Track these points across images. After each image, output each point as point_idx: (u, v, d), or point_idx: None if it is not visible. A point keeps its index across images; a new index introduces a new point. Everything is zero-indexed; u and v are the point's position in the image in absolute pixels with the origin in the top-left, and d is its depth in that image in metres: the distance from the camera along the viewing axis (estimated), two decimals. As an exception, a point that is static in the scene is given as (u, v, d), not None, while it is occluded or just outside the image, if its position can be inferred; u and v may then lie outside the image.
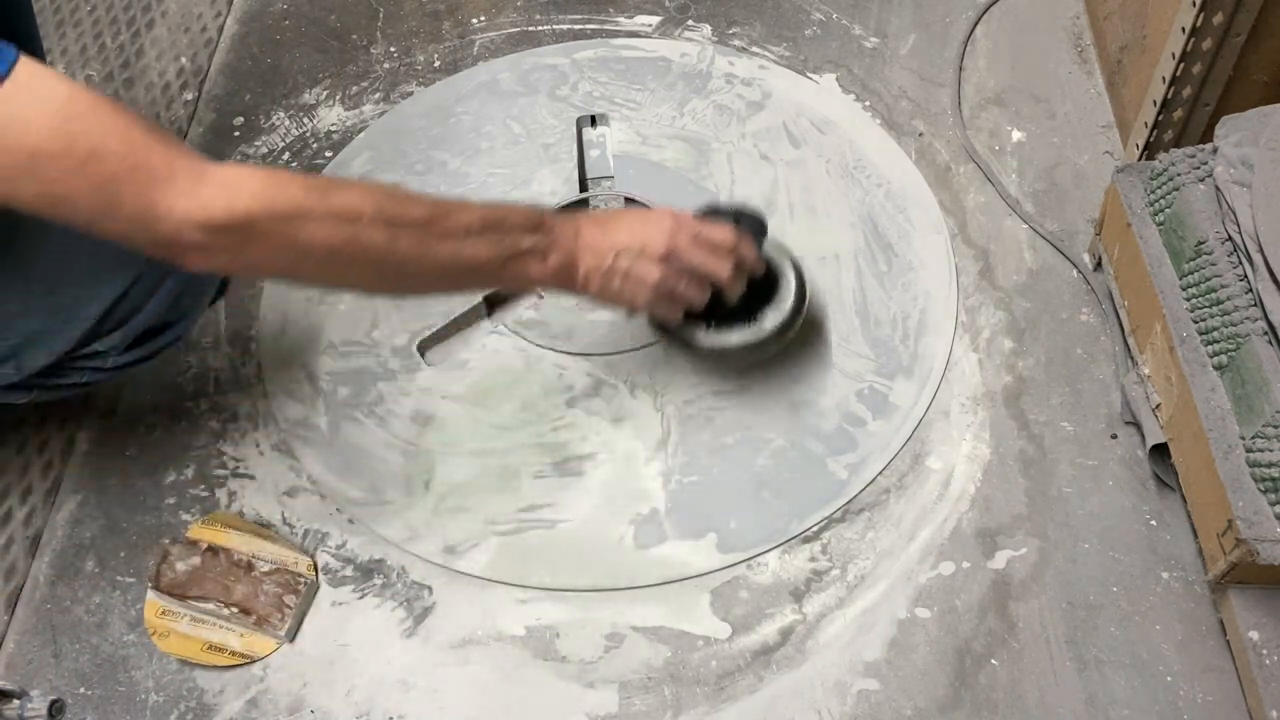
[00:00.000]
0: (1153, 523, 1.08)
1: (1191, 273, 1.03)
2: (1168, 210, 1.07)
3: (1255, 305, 0.95)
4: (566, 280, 0.97)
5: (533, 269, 0.94)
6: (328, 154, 1.42)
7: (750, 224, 1.06)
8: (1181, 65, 1.10)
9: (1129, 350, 1.14)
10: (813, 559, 1.08)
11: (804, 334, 1.17)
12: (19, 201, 0.78)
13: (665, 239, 0.98)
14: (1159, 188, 1.08)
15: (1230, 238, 0.99)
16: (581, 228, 0.98)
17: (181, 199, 0.78)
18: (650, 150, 1.38)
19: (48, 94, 0.76)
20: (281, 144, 1.44)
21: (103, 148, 0.77)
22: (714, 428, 1.16)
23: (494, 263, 0.91)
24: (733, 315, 1.09)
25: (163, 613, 1.06)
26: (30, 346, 0.97)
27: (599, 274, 0.97)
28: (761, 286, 1.09)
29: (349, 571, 1.09)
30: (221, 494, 1.15)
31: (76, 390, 1.07)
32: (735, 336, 1.09)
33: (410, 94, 1.48)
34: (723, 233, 1.01)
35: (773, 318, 1.10)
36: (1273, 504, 0.91)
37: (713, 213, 1.06)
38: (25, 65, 0.75)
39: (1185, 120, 1.16)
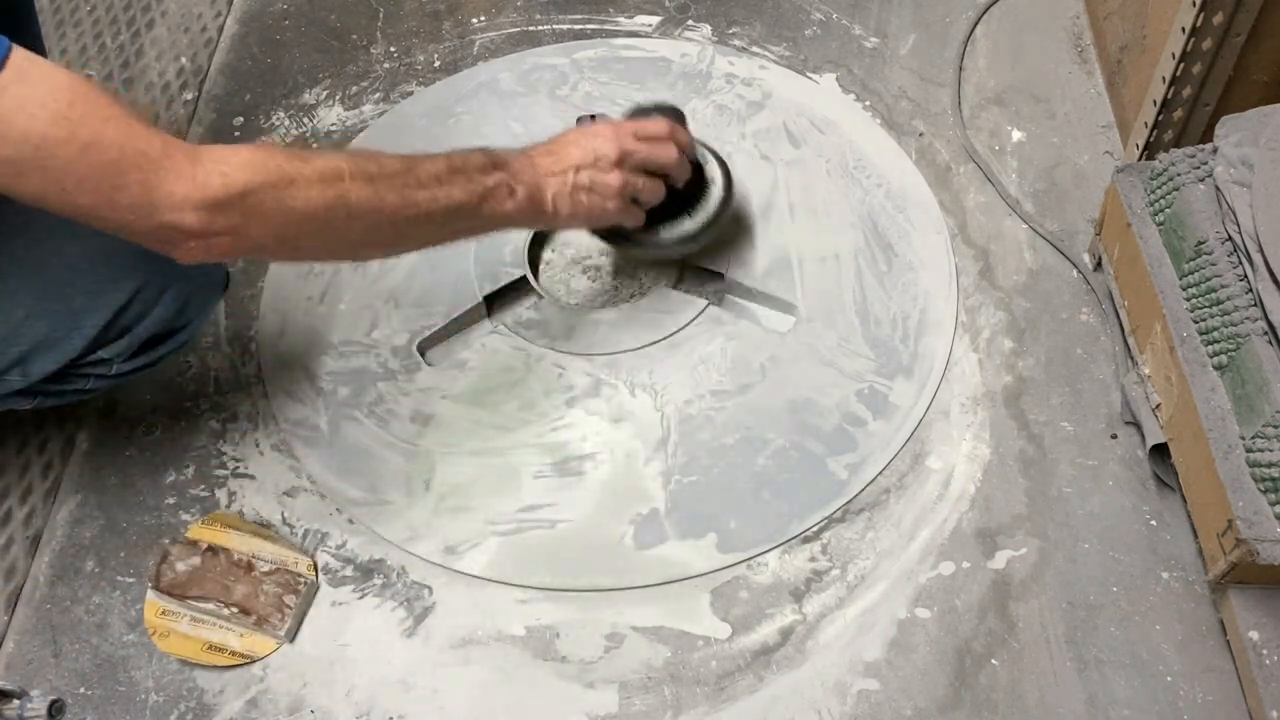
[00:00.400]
0: (1153, 523, 1.08)
1: (1191, 273, 1.03)
2: (1168, 210, 1.07)
3: (1255, 305, 0.95)
4: (537, 208, 1.01)
5: (505, 204, 0.97)
6: (328, 154, 1.42)
7: (672, 113, 1.14)
8: (1181, 65, 1.10)
9: (1129, 350, 1.14)
10: (813, 559, 1.08)
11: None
12: (22, 192, 0.78)
13: (614, 145, 1.03)
14: (1159, 188, 1.08)
15: (1230, 238, 0.99)
16: (535, 158, 1.02)
17: (180, 182, 0.79)
18: (650, 150, 1.38)
19: (47, 81, 0.76)
20: (281, 144, 1.44)
21: (102, 134, 0.77)
22: (714, 428, 1.16)
23: (470, 203, 0.95)
24: (674, 211, 1.15)
25: (163, 613, 1.06)
26: (36, 353, 0.97)
27: (566, 194, 1.01)
28: (691, 178, 1.15)
29: (349, 571, 1.09)
30: (221, 494, 1.15)
31: (80, 396, 1.07)
32: (689, 225, 1.16)
33: (410, 94, 1.48)
34: (657, 125, 1.08)
35: (714, 198, 1.18)
36: (1273, 504, 0.91)
37: (638, 112, 1.14)
38: (19, 54, 0.75)
39: (1185, 120, 1.16)
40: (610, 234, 1.17)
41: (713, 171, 1.19)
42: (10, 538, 1.13)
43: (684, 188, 1.14)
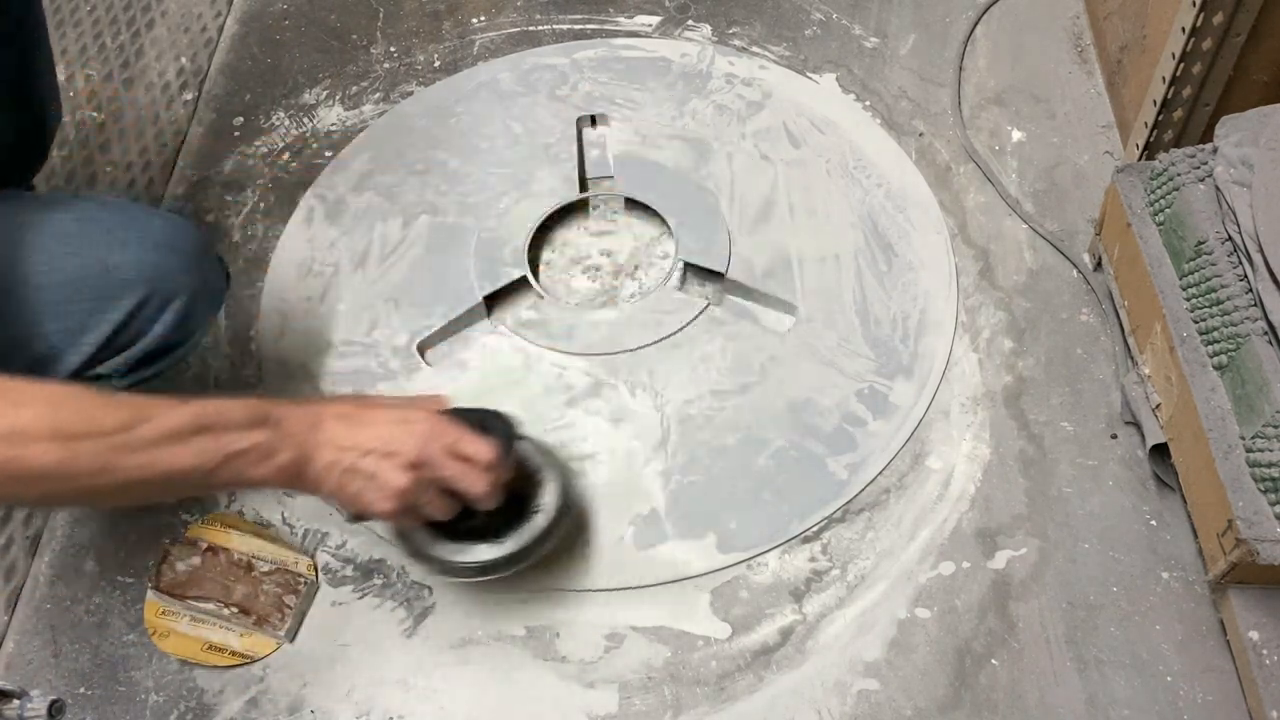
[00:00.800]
0: (1153, 523, 1.08)
1: (1191, 273, 1.03)
2: (1168, 210, 1.07)
3: (1255, 305, 0.95)
4: (296, 478, 0.87)
5: (255, 470, 0.84)
6: (327, 154, 1.42)
7: (500, 430, 0.94)
8: (1181, 65, 1.10)
9: (1129, 350, 1.14)
10: (813, 559, 1.08)
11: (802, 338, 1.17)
12: None
13: (418, 445, 0.88)
14: (1159, 188, 1.08)
15: (1230, 238, 0.99)
16: (323, 421, 0.88)
17: None
18: (650, 150, 1.38)
19: None
20: (281, 144, 1.44)
21: None
22: (714, 428, 1.16)
23: (200, 470, 0.82)
24: (481, 527, 0.97)
25: (163, 613, 1.06)
26: (37, 370, 0.95)
27: (337, 471, 0.87)
28: (513, 499, 0.98)
29: (349, 571, 1.09)
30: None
31: None
32: (478, 553, 0.97)
33: (410, 94, 1.48)
34: (483, 447, 0.91)
35: (521, 535, 0.98)
36: (1273, 504, 0.91)
37: (471, 414, 0.94)
38: None
39: (1185, 120, 1.16)
40: (396, 531, 1.01)
41: (545, 496, 1.01)
42: (10, 538, 1.12)
43: (504, 505, 0.96)
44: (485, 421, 0.94)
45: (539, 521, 0.99)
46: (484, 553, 0.97)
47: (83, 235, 0.95)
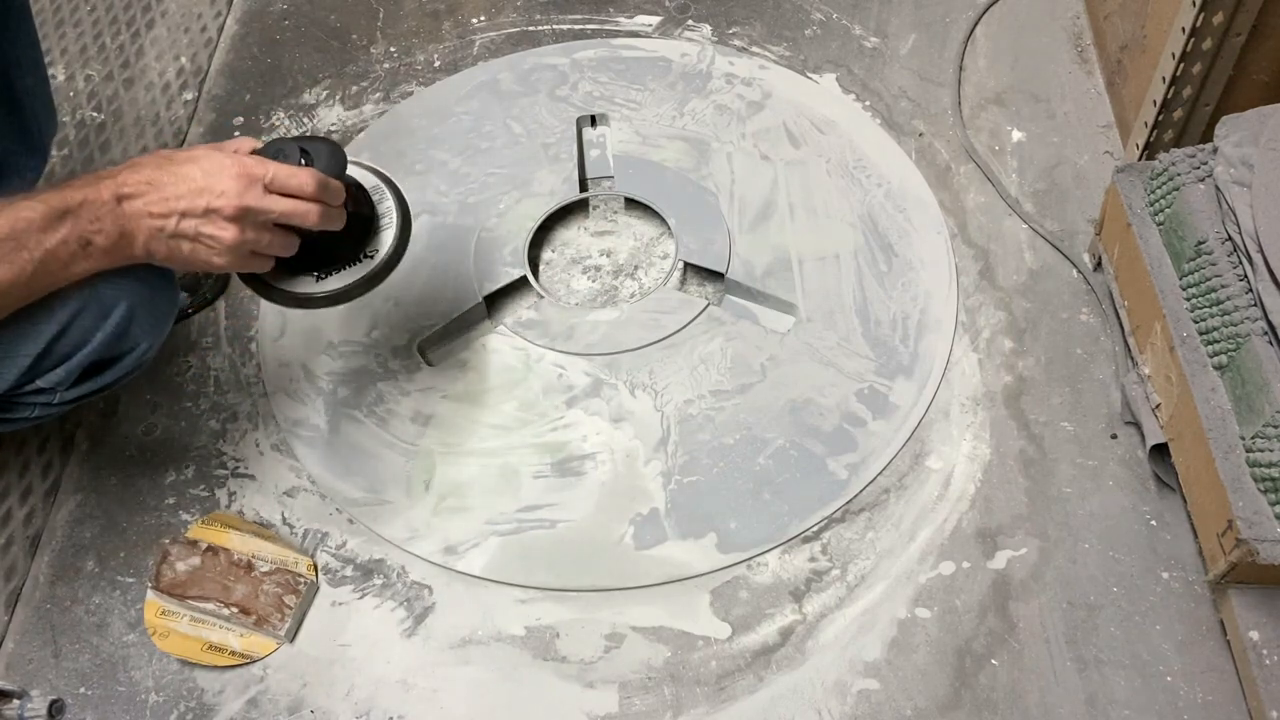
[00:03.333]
0: (1153, 523, 1.08)
1: (1191, 273, 1.03)
2: (1168, 210, 1.07)
3: (1255, 305, 0.95)
4: (124, 257, 0.85)
5: (76, 265, 0.82)
6: (328, 154, 1.42)
7: (326, 156, 0.91)
8: (1181, 65, 1.10)
9: (1129, 350, 1.14)
10: (813, 559, 1.08)
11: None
12: None
13: (235, 196, 0.84)
14: (1159, 188, 1.08)
15: (1230, 238, 0.99)
16: (123, 189, 0.83)
17: None
18: (650, 150, 1.38)
19: None
20: None
21: None
22: (714, 428, 1.16)
23: (19, 280, 0.80)
24: (332, 254, 0.96)
25: (163, 613, 1.06)
26: None
27: (163, 240, 0.84)
28: (356, 218, 0.96)
29: (349, 571, 1.09)
30: (221, 494, 1.15)
31: (26, 425, 1.01)
32: (338, 280, 0.96)
33: (410, 94, 1.48)
34: (304, 177, 0.87)
35: (384, 244, 0.98)
36: (1273, 504, 0.91)
37: (278, 152, 0.90)
38: None
39: (1185, 120, 1.16)
40: (246, 277, 0.98)
41: (386, 209, 0.99)
42: (10, 538, 1.12)
43: (347, 230, 0.94)
44: (308, 149, 0.90)
45: (386, 239, 0.98)
46: (339, 279, 0.96)
47: None
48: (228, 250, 0.86)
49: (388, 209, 0.99)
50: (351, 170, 0.97)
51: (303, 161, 0.89)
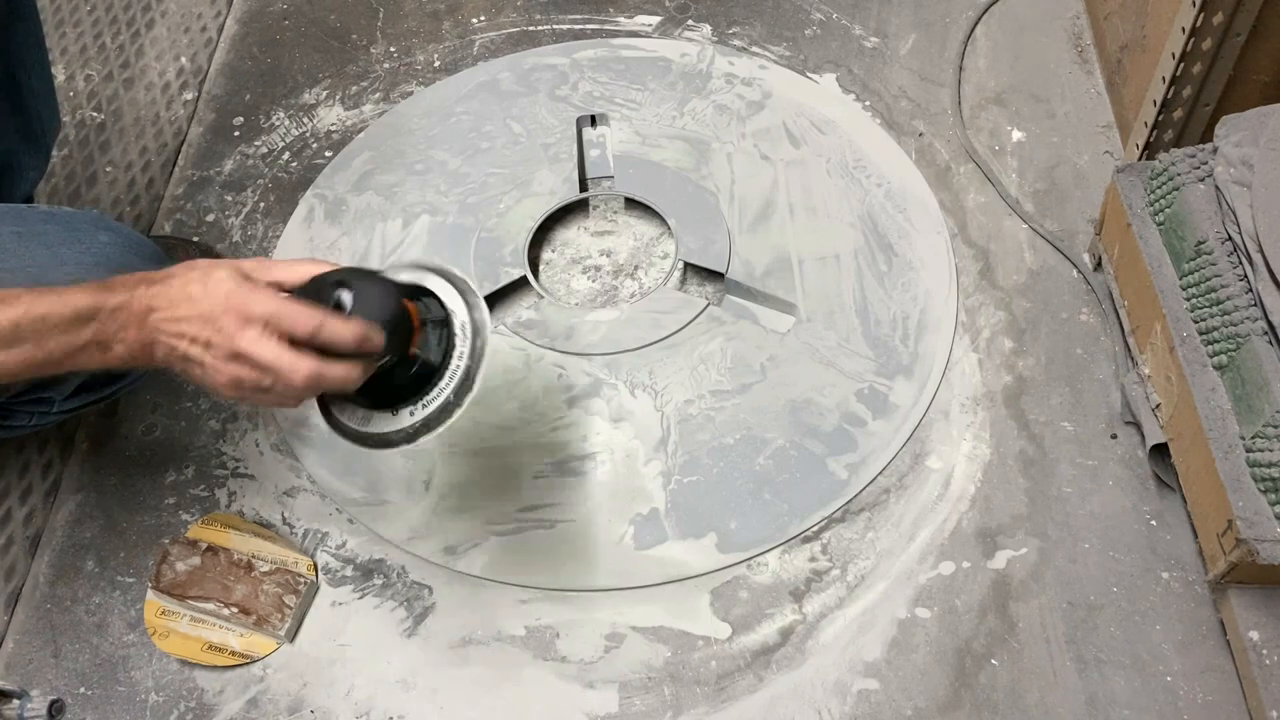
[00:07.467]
0: (1153, 523, 1.08)
1: (1191, 273, 1.03)
2: (1168, 210, 1.07)
3: (1255, 305, 0.95)
4: (145, 361, 0.83)
5: (92, 361, 0.81)
6: (328, 154, 1.42)
7: (365, 298, 0.81)
8: (1181, 65, 1.10)
9: (1129, 350, 1.14)
10: (813, 559, 1.08)
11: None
12: None
13: (230, 333, 0.79)
14: (1159, 188, 1.08)
15: (1230, 238, 0.99)
16: (155, 301, 0.81)
17: None
18: (650, 150, 1.38)
19: None
20: (281, 144, 1.44)
21: None
22: (714, 428, 1.16)
23: (31, 368, 0.80)
24: (395, 388, 0.86)
25: (163, 613, 1.06)
26: None
27: (176, 357, 0.82)
28: (407, 363, 0.85)
29: (349, 571, 1.09)
30: (221, 494, 1.15)
31: (21, 433, 1.01)
32: (380, 424, 0.87)
33: (410, 94, 1.48)
34: (300, 317, 0.79)
35: (428, 402, 0.86)
36: (1273, 504, 0.91)
37: (317, 292, 0.82)
38: None
39: (1185, 120, 1.16)
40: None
41: (455, 350, 0.87)
42: (10, 538, 1.13)
43: (395, 371, 0.84)
44: (354, 287, 0.81)
45: (442, 389, 0.86)
46: (379, 424, 0.87)
47: (21, 251, 0.93)
48: (227, 387, 0.81)
49: (461, 327, 0.87)
50: (431, 281, 0.89)
51: (344, 298, 0.81)
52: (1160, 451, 1.07)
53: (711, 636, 1.04)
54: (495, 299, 1.26)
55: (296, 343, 0.79)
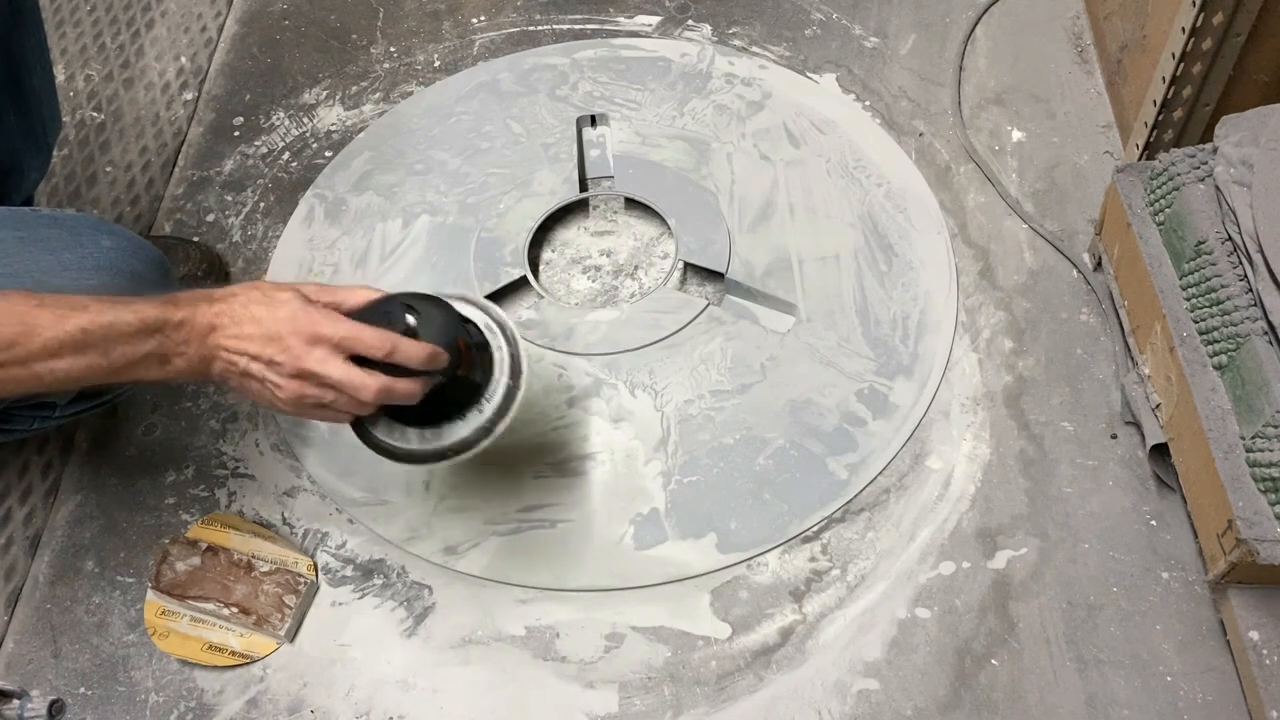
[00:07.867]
0: (1153, 523, 1.08)
1: (1191, 273, 1.03)
2: (1168, 210, 1.07)
3: (1255, 305, 0.95)
4: (201, 377, 0.87)
5: (152, 373, 0.84)
6: (328, 154, 1.42)
7: (429, 321, 0.87)
8: (1181, 65, 1.10)
9: (1129, 350, 1.14)
10: (813, 559, 1.08)
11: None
12: None
13: (297, 353, 0.83)
14: (1159, 188, 1.08)
15: (1230, 238, 0.99)
16: (218, 320, 0.85)
17: None
18: (650, 150, 1.38)
19: None
20: (281, 144, 1.44)
21: None
22: (714, 428, 1.16)
23: (92, 377, 0.82)
24: (441, 407, 0.91)
25: (163, 613, 1.06)
26: None
27: (235, 375, 0.86)
28: (468, 374, 0.91)
29: (349, 571, 1.09)
30: (221, 494, 1.15)
31: (22, 436, 1.01)
32: (424, 440, 0.92)
33: (410, 94, 1.48)
34: (374, 339, 0.84)
35: (477, 415, 0.92)
36: (1273, 504, 0.91)
37: (385, 314, 0.87)
38: None
39: (1185, 120, 1.16)
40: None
41: (498, 372, 0.93)
42: (10, 538, 1.13)
43: (451, 378, 0.89)
44: (420, 311, 0.87)
45: (487, 406, 0.92)
46: (416, 440, 0.91)
47: (23, 255, 0.93)
48: (288, 403, 0.86)
49: (499, 355, 0.93)
50: (465, 308, 0.94)
51: (410, 321, 0.86)
52: (1160, 451, 1.07)
53: (711, 636, 1.04)
54: (495, 299, 1.26)
55: (361, 361, 0.84)
